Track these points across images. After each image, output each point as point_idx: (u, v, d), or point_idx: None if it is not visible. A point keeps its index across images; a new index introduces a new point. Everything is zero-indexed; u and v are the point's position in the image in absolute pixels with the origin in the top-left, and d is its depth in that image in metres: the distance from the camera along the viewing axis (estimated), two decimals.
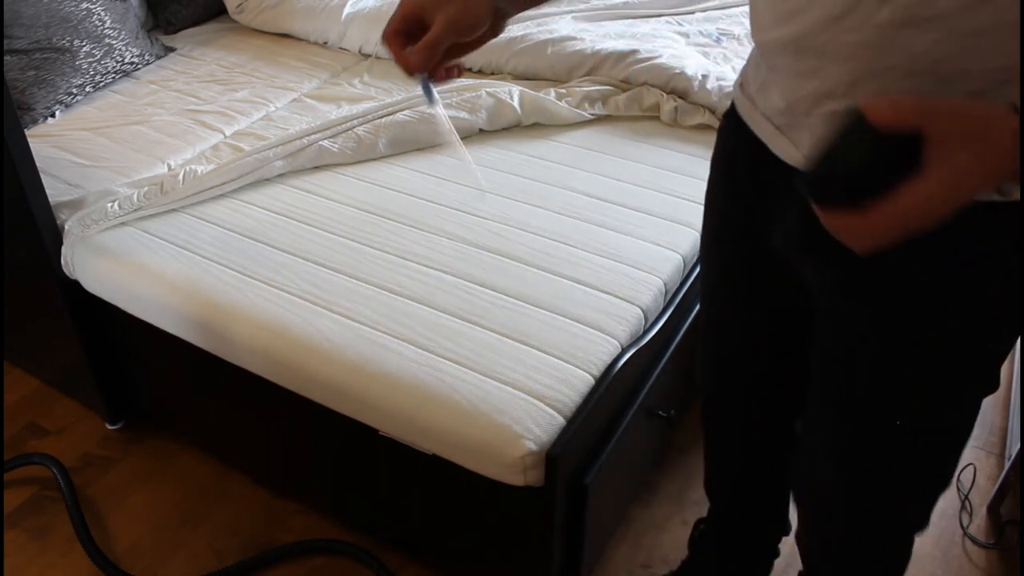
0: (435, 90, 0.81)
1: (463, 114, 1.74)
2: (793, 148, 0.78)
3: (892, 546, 0.99)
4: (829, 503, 0.98)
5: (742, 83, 0.88)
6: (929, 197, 0.54)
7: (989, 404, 1.82)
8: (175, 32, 2.36)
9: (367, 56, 2.18)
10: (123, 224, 1.52)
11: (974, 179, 0.54)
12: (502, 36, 2.34)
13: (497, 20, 0.79)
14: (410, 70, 0.76)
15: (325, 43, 2.25)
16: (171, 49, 2.25)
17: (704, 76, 1.79)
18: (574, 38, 1.97)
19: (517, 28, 2.06)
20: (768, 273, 0.93)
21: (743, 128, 0.86)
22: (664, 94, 1.80)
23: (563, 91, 1.84)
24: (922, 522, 0.95)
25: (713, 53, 2.00)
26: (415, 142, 1.72)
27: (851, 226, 0.57)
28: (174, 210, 1.55)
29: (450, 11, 0.74)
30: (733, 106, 0.90)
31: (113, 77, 2.06)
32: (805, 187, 0.60)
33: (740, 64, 1.95)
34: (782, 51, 0.73)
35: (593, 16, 2.18)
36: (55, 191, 1.58)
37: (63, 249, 1.51)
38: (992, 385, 0.81)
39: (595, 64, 1.91)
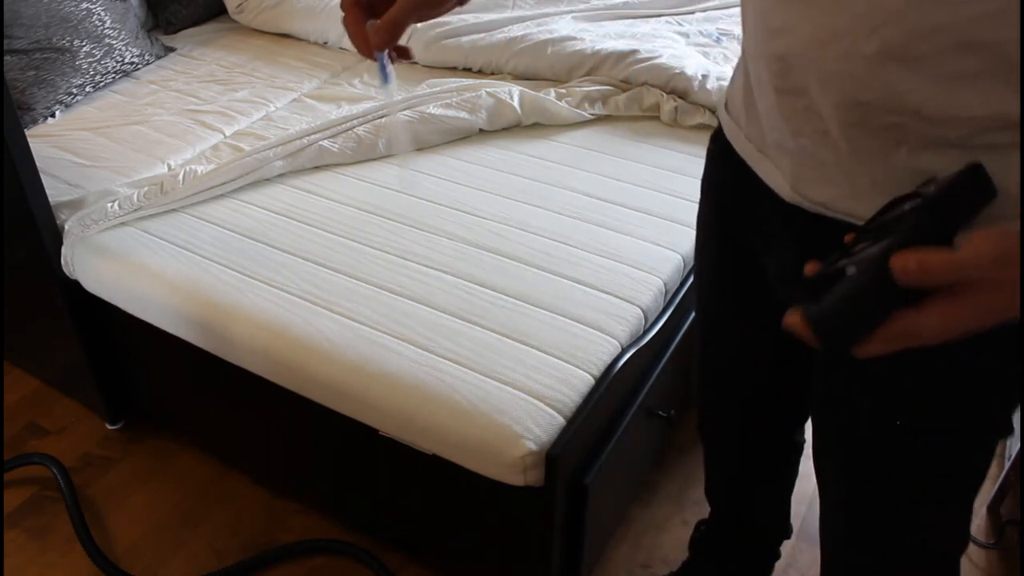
0: (390, 69, 0.77)
1: (463, 114, 1.74)
2: (777, 172, 0.75)
3: None
4: (842, 554, 0.94)
5: (727, 103, 0.86)
6: (947, 329, 0.50)
7: None
8: (175, 32, 2.36)
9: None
10: (123, 224, 1.52)
11: (1004, 312, 0.50)
12: (502, 36, 2.34)
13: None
14: (368, 50, 0.73)
15: (325, 43, 2.25)
16: (171, 49, 2.25)
17: (704, 76, 1.79)
18: (574, 38, 1.97)
19: (517, 28, 2.06)
20: (762, 291, 0.89)
21: (729, 150, 0.84)
22: (664, 94, 1.80)
23: (563, 91, 1.84)
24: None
25: (713, 53, 2.00)
26: (415, 142, 1.72)
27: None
28: (174, 210, 1.55)
29: None
30: (720, 128, 0.88)
31: (113, 77, 2.06)
32: (813, 324, 0.53)
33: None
34: (767, 67, 0.70)
35: (593, 16, 2.18)
36: (55, 191, 1.58)
37: (63, 249, 1.51)
38: (1005, 430, 0.76)
39: (595, 64, 1.91)
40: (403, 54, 0.77)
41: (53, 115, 1.93)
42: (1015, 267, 0.48)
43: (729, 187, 0.87)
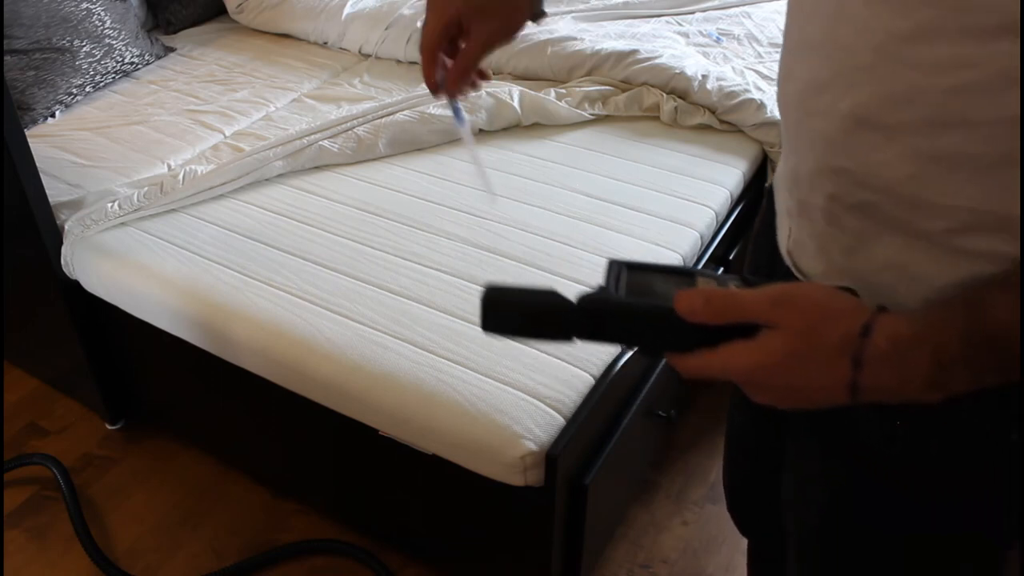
0: (464, 111, 0.77)
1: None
2: (784, 229, 0.72)
3: None
4: None
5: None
6: (732, 366, 0.52)
7: None
8: (175, 32, 2.36)
9: (367, 56, 2.18)
10: (123, 224, 1.52)
11: (783, 357, 0.51)
12: None
13: (534, 20, 0.75)
14: (444, 93, 0.72)
15: (325, 43, 2.25)
16: (171, 49, 2.25)
17: (704, 76, 1.79)
18: (574, 38, 1.97)
19: None
20: None
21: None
22: (664, 94, 1.80)
23: (563, 91, 1.84)
24: None
25: (713, 53, 2.00)
26: (415, 142, 1.72)
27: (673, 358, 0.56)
28: (174, 210, 1.55)
29: (493, 25, 0.70)
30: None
31: (113, 77, 2.06)
32: (582, 299, 0.55)
33: (740, 64, 1.95)
34: (781, 112, 0.67)
35: (593, 16, 2.18)
36: (55, 191, 1.58)
37: (63, 249, 1.51)
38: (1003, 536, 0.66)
39: (595, 64, 1.91)
40: (481, 76, 0.75)
41: (53, 115, 1.93)
42: (791, 309, 0.51)
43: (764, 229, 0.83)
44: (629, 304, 0.55)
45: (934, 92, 0.51)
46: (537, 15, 0.74)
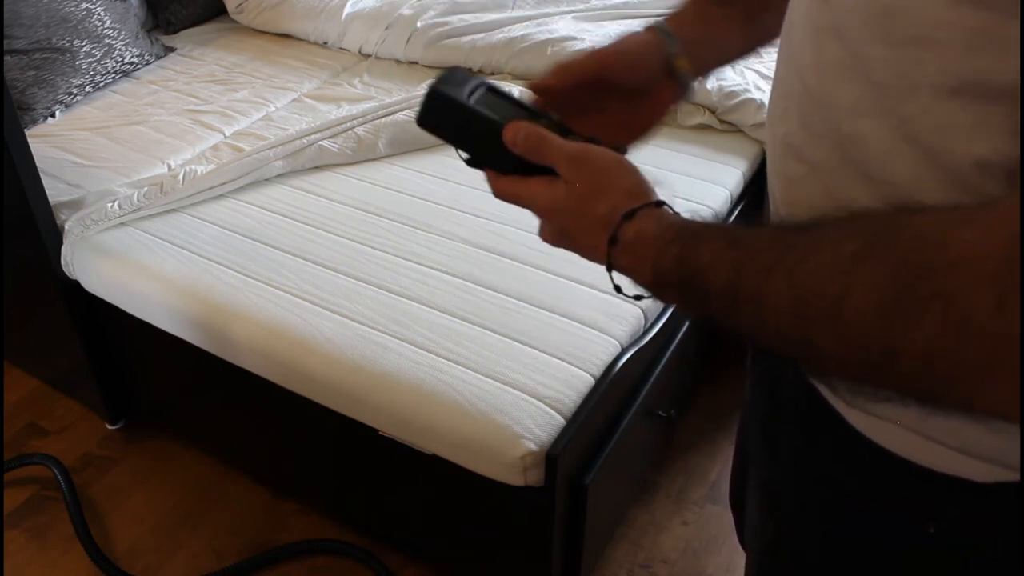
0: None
1: None
2: None
3: None
4: None
5: None
6: (529, 198, 0.57)
7: None
8: (175, 32, 2.36)
9: (367, 56, 2.18)
10: (123, 224, 1.52)
11: (567, 216, 0.56)
12: (502, 36, 2.33)
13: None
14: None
15: (325, 43, 2.25)
16: (171, 49, 2.25)
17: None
18: (574, 38, 1.97)
19: (517, 28, 2.05)
20: None
21: None
22: None
23: None
24: None
25: None
26: (415, 142, 1.72)
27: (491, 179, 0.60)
28: (174, 210, 1.55)
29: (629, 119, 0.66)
30: None
31: (113, 77, 2.06)
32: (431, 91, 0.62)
33: (740, 64, 1.94)
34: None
35: (593, 16, 2.17)
36: (55, 191, 1.58)
37: (63, 249, 1.51)
38: None
39: None
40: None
41: (53, 115, 1.93)
42: (581, 169, 0.55)
43: None
44: (471, 109, 0.59)
45: (839, 121, 0.50)
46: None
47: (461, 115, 0.60)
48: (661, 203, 0.54)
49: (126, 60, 2.09)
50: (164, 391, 1.68)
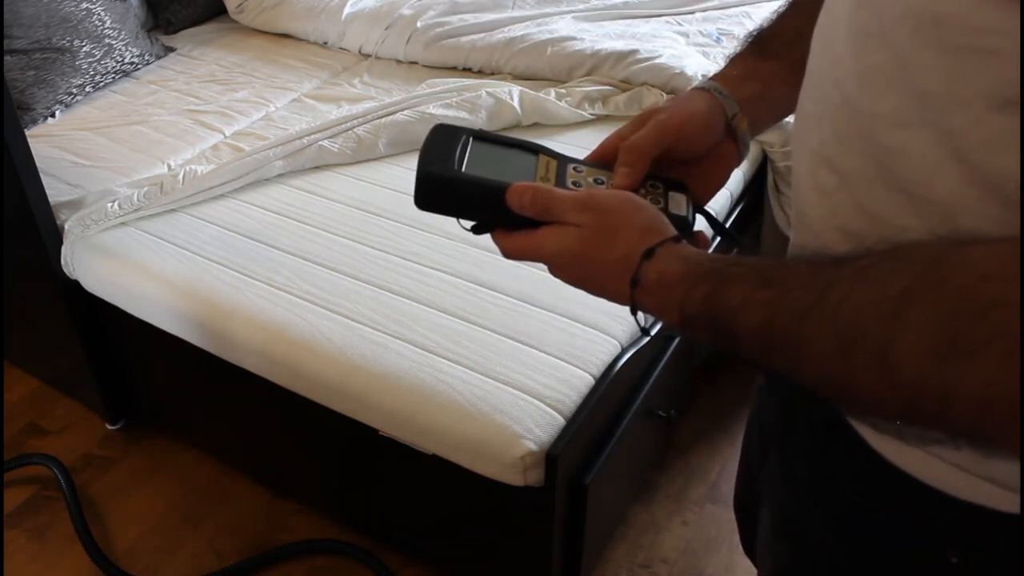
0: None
1: (463, 114, 1.74)
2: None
3: None
4: None
5: None
6: (560, 253, 0.55)
7: None
8: (175, 32, 2.36)
9: (367, 56, 2.18)
10: (123, 224, 1.52)
11: (575, 255, 0.55)
12: (502, 36, 2.33)
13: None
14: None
15: (325, 43, 2.25)
16: (171, 49, 2.25)
17: (704, 76, 1.79)
18: (574, 38, 1.97)
19: (517, 28, 2.05)
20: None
21: None
22: (664, 94, 1.80)
23: (563, 91, 1.84)
24: None
25: (713, 53, 2.00)
26: (415, 142, 1.72)
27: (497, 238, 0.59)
28: (174, 210, 1.55)
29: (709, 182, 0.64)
30: None
31: (113, 77, 2.06)
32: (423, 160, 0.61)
33: None
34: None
35: (593, 16, 2.17)
36: (55, 191, 1.58)
37: (63, 249, 1.51)
38: None
39: (595, 64, 1.90)
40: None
41: (53, 115, 1.93)
42: (593, 213, 0.54)
43: None
44: (466, 179, 0.58)
45: (877, 135, 0.48)
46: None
47: (458, 188, 0.58)
48: (678, 238, 0.53)
49: (126, 60, 2.09)
50: (164, 391, 1.68)
